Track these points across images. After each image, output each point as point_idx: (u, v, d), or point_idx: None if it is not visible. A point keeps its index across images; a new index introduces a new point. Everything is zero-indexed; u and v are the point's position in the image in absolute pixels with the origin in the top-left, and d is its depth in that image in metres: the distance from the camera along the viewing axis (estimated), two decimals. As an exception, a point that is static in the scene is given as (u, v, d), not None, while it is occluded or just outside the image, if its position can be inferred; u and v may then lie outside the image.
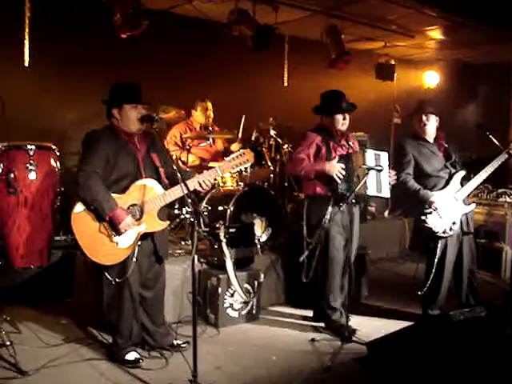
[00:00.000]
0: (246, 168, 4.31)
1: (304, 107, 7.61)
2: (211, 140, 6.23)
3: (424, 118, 5.01)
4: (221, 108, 6.63)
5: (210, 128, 6.30)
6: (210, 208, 5.82)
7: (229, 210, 5.64)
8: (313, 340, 4.70)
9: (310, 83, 7.54)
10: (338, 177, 4.58)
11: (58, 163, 4.68)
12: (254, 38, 6.34)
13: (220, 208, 5.71)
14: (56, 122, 6.31)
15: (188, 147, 5.96)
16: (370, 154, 4.61)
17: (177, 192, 3.91)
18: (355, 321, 4.90)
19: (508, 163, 5.99)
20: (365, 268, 5.87)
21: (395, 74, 9.20)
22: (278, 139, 6.56)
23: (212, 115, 6.44)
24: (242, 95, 7.37)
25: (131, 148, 4.01)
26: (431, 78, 9.99)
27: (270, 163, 6.32)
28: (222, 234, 5.05)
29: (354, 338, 4.58)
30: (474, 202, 7.52)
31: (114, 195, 3.84)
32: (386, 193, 4.73)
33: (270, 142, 6.63)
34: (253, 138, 6.60)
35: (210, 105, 6.42)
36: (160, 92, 6.14)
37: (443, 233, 4.84)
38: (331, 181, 4.65)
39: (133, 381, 3.80)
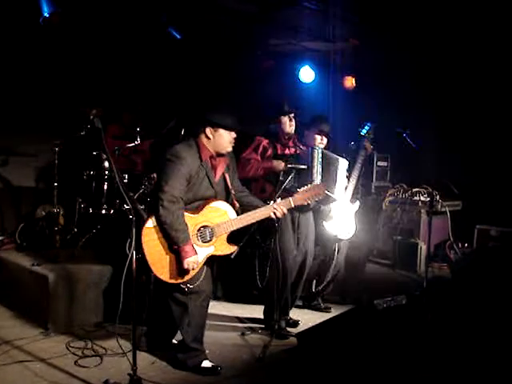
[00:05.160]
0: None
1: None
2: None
3: (319, 137, 5.14)
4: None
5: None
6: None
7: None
8: (243, 334, 4.86)
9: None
10: (285, 171, 4.64)
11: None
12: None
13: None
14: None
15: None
16: (319, 153, 4.79)
17: (249, 219, 4.01)
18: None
19: (422, 164, 6.39)
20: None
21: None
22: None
23: None
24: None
25: (210, 170, 4.03)
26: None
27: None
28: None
29: (282, 332, 4.77)
30: (390, 201, 8.03)
31: (187, 214, 3.85)
32: (337, 195, 4.92)
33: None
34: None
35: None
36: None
37: (345, 236, 5.23)
38: (278, 178, 4.69)
39: (69, 379, 3.81)
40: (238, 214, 4.05)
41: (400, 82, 8.35)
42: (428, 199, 7.41)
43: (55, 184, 5.77)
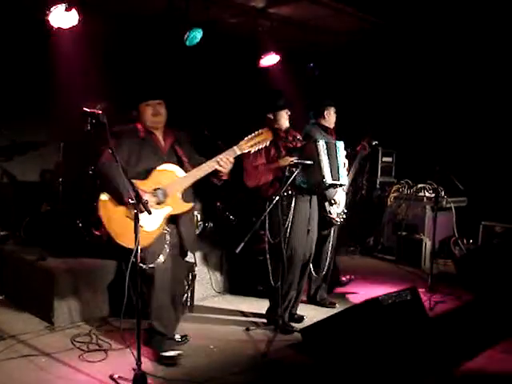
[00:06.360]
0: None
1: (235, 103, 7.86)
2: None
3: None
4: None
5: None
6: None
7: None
8: (247, 329, 4.86)
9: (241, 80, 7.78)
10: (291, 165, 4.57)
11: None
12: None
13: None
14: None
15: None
16: (322, 145, 4.76)
17: (198, 173, 4.04)
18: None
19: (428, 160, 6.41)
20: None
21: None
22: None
23: None
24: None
25: (155, 144, 4.11)
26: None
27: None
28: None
29: (287, 327, 4.77)
30: (395, 197, 8.03)
31: (137, 181, 3.89)
32: (343, 180, 4.93)
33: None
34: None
35: None
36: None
37: (339, 219, 5.36)
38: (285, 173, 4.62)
39: (74, 373, 3.82)
40: None
41: (404, 77, 8.35)
42: (433, 195, 7.40)
43: (60, 179, 5.79)
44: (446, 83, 8.11)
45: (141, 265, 3.89)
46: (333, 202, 5.29)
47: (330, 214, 5.29)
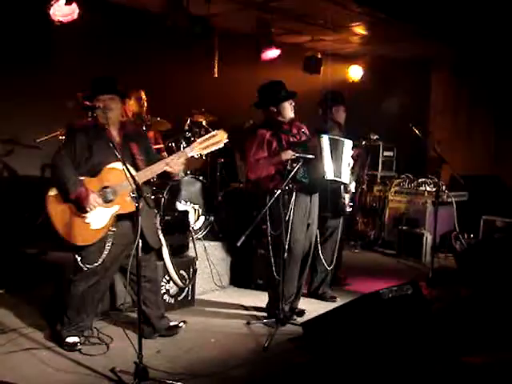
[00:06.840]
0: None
1: (234, 98, 7.84)
2: (144, 129, 6.22)
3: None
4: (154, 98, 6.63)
5: (144, 117, 6.29)
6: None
7: (163, 199, 5.73)
8: (248, 323, 4.86)
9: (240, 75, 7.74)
10: (293, 160, 4.57)
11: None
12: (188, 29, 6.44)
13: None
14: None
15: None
16: (326, 140, 4.75)
17: (147, 173, 4.01)
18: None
19: (428, 154, 6.42)
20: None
21: (321, 68, 9.38)
22: (210, 129, 6.63)
23: (145, 104, 6.42)
24: (174, 85, 7.41)
25: (107, 138, 4.00)
26: (355, 72, 10.26)
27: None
28: (157, 222, 5.11)
29: (287, 321, 4.75)
30: (396, 191, 8.03)
31: (87, 178, 3.92)
32: (345, 178, 4.93)
33: (202, 132, 6.68)
34: (186, 127, 6.62)
35: (143, 94, 6.41)
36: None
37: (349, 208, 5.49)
38: (286, 167, 4.60)
39: (75, 367, 3.83)
40: None
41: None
42: (434, 189, 7.39)
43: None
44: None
45: (80, 264, 3.99)
46: (348, 189, 5.36)
47: (344, 199, 5.36)
